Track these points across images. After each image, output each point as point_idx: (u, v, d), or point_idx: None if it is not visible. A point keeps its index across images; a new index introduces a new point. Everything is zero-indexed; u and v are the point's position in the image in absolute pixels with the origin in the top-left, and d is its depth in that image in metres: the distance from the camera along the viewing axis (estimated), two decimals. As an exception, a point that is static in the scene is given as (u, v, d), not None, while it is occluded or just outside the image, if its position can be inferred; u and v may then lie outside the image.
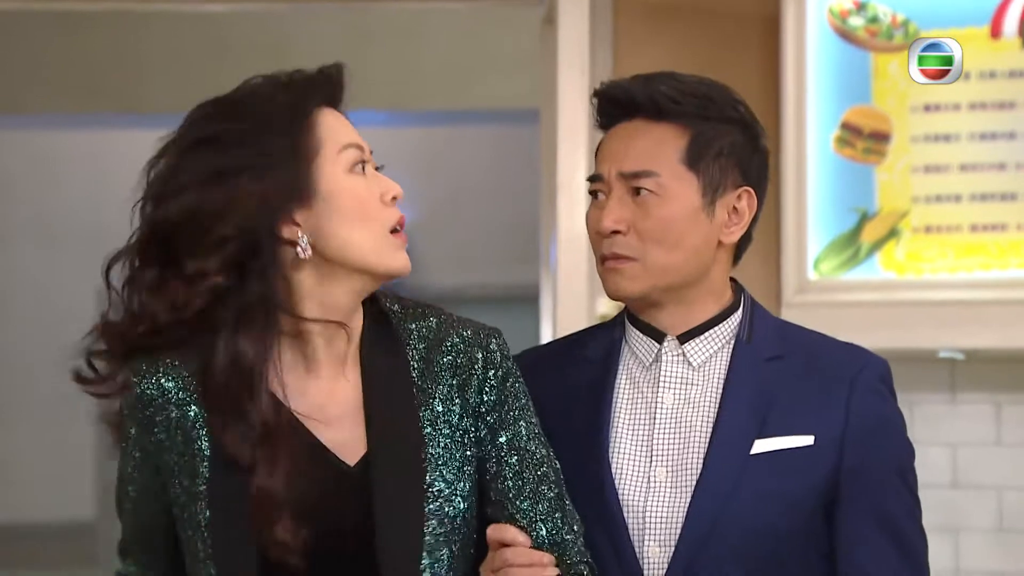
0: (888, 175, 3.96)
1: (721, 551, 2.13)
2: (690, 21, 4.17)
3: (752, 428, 2.16)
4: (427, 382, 2.10)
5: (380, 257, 2.05)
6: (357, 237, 2.04)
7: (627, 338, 2.28)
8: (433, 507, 2.05)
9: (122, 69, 6.73)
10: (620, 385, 2.25)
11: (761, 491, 2.14)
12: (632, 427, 2.21)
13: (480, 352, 2.12)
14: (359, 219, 2.04)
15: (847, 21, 3.97)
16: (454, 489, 2.07)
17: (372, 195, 2.05)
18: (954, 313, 3.90)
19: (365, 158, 2.06)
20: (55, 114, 7.05)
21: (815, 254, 3.96)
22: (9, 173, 9.38)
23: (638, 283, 2.20)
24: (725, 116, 2.22)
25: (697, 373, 2.22)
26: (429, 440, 2.07)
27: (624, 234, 2.20)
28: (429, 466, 2.06)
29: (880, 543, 2.16)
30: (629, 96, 2.23)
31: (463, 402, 2.10)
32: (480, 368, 2.11)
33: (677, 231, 2.19)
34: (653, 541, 2.16)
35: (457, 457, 2.08)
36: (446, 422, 2.09)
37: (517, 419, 2.12)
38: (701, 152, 2.20)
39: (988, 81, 3.92)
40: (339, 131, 2.06)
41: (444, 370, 2.11)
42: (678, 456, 2.18)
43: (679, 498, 2.16)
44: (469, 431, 2.10)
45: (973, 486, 4.11)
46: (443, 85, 6.76)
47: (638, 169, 2.20)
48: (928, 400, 4.12)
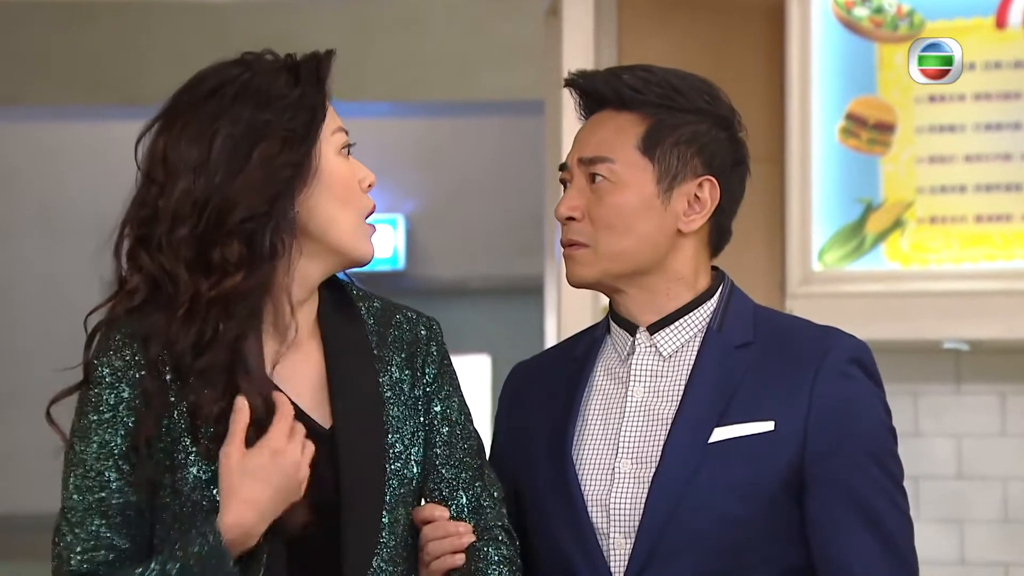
0: (893, 166, 3.95)
1: (680, 540, 2.13)
2: (695, 12, 4.16)
3: (712, 416, 2.16)
4: (383, 351, 2.17)
5: (355, 241, 2.12)
6: (340, 217, 2.10)
7: (609, 332, 2.28)
8: (395, 467, 2.12)
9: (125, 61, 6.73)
10: (596, 379, 2.25)
11: (718, 479, 2.13)
12: (603, 420, 2.22)
13: (423, 330, 2.21)
14: (343, 201, 2.11)
15: (852, 11, 3.96)
16: (410, 453, 2.14)
17: (355, 179, 2.13)
18: (959, 304, 3.90)
19: (350, 142, 2.14)
20: (58, 106, 7.04)
21: (820, 245, 3.95)
22: (12, 165, 9.38)
23: (591, 269, 2.22)
24: (692, 107, 2.22)
25: (667, 364, 2.22)
26: (389, 403, 2.14)
27: (579, 220, 2.21)
28: (389, 427, 2.13)
29: (853, 526, 2.14)
30: (593, 87, 2.26)
31: (411, 372, 2.17)
32: (424, 343, 2.20)
33: (627, 217, 2.19)
34: (618, 533, 2.16)
35: (411, 423, 2.15)
36: (401, 390, 2.16)
37: (451, 395, 2.20)
38: (658, 139, 2.20)
39: (993, 71, 3.91)
40: (331, 113, 2.13)
41: (395, 342, 2.18)
42: (641, 447, 2.18)
43: (640, 488, 2.16)
44: (418, 401, 2.17)
45: (978, 477, 4.11)
46: (447, 76, 6.76)
47: (593, 155, 2.21)
48: (933, 391, 4.12)
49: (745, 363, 2.19)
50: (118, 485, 2.05)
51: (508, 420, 2.33)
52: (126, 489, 2.05)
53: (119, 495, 2.05)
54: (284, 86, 2.09)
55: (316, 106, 2.09)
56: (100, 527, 2.05)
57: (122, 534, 2.05)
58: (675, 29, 4.14)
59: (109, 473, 2.05)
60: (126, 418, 2.06)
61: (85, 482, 2.07)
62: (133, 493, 2.05)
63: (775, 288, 3.94)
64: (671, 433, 2.16)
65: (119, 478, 2.05)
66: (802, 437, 2.14)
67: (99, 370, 2.10)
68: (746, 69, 4.06)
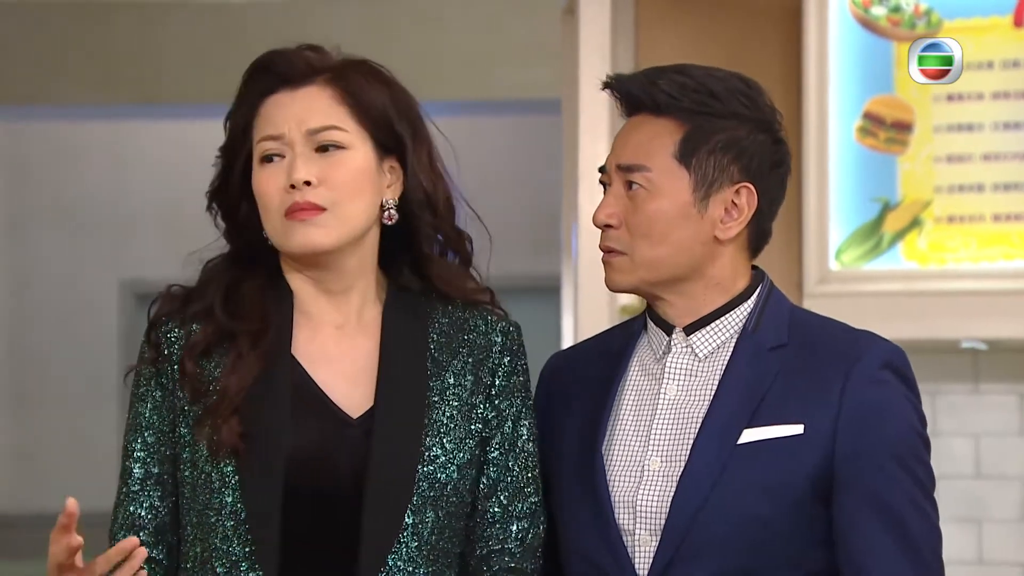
0: (911, 165, 3.95)
1: (705, 539, 2.13)
2: (712, 10, 4.16)
3: (743, 418, 2.15)
4: (443, 354, 2.20)
5: (282, 240, 2.16)
6: (266, 224, 2.18)
7: (646, 330, 2.28)
8: (427, 470, 2.14)
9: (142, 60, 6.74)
10: (631, 376, 2.25)
11: (745, 481, 2.13)
12: (635, 417, 2.22)
13: (500, 337, 2.23)
14: (264, 210, 2.17)
15: (869, 10, 3.96)
16: (451, 458, 2.15)
17: (273, 186, 2.15)
18: (977, 303, 3.89)
19: (274, 150, 2.16)
20: (75, 105, 7.06)
21: (837, 244, 3.95)
22: (31, 162, 9.40)
23: (628, 276, 2.21)
24: (729, 111, 2.20)
25: (703, 364, 2.21)
26: (435, 407, 2.16)
27: (616, 228, 2.21)
28: (430, 431, 2.15)
29: (876, 531, 2.13)
30: (629, 91, 2.24)
31: (475, 379, 2.20)
32: (497, 351, 2.23)
33: (663, 226, 2.18)
34: (644, 530, 2.16)
35: (461, 430, 2.17)
36: (455, 395, 2.18)
37: (519, 416, 2.22)
38: (695, 147, 2.18)
39: (1012, 70, 3.91)
40: (266, 122, 2.17)
41: (462, 346, 2.21)
42: (672, 446, 2.18)
43: (668, 487, 2.16)
44: (477, 408, 2.19)
45: (996, 476, 4.10)
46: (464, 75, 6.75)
47: (631, 163, 2.20)
48: (951, 391, 4.11)
49: (777, 365, 2.18)
50: (139, 455, 2.17)
51: (542, 411, 2.32)
52: (148, 460, 2.17)
53: (140, 465, 2.17)
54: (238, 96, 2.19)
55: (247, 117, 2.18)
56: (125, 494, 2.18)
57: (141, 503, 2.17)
58: (692, 28, 4.14)
59: (135, 443, 2.18)
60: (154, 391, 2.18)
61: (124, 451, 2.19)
62: (155, 465, 2.17)
63: (792, 287, 3.94)
64: (700, 433, 2.16)
65: (143, 448, 2.17)
66: (831, 441, 2.14)
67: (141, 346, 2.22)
68: (763, 68, 4.05)
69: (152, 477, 2.17)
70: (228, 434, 2.10)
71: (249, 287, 2.18)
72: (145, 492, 2.17)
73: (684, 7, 4.17)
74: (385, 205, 2.19)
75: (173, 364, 2.16)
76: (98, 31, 6.71)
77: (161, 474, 2.17)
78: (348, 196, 2.14)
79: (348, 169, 2.15)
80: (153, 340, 2.18)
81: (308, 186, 2.12)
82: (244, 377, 2.12)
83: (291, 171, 2.13)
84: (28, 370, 9.40)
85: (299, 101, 2.16)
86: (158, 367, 2.17)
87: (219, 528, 2.11)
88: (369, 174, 2.17)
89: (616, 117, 2.32)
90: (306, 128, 2.14)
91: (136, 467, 2.17)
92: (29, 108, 7.19)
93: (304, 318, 2.19)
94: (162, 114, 7.82)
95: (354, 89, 2.17)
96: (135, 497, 2.16)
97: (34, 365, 9.37)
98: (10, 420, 9.44)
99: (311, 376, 2.16)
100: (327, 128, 2.15)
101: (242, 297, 2.18)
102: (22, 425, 9.41)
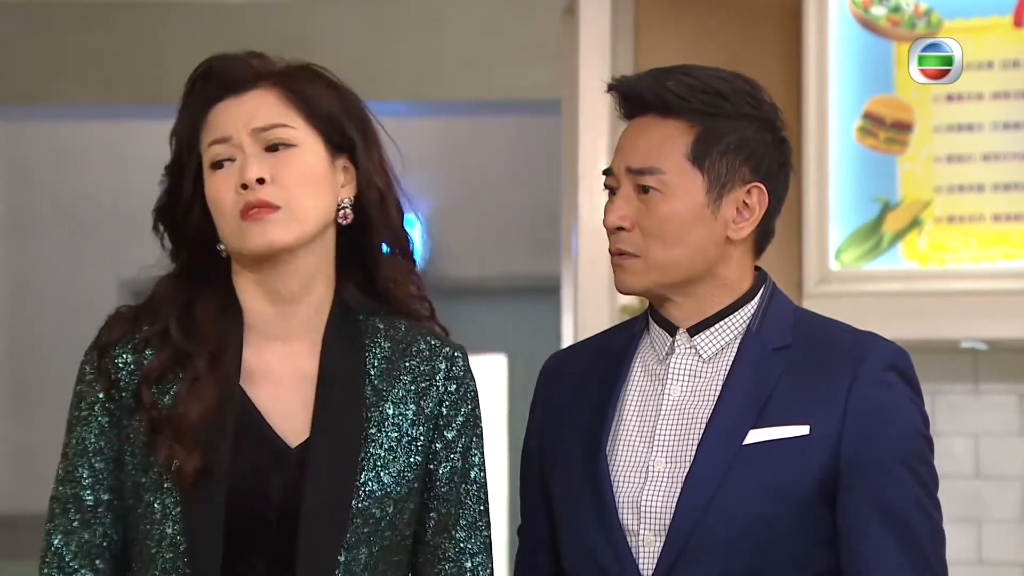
0: (910, 165, 3.95)
1: (710, 540, 2.13)
2: (712, 10, 4.16)
3: (748, 418, 2.16)
4: (383, 382, 2.15)
5: (239, 242, 2.12)
6: (221, 229, 2.13)
7: (648, 330, 2.28)
8: (361, 506, 2.09)
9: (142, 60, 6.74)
10: (634, 376, 2.25)
11: (751, 481, 2.13)
12: (639, 418, 2.22)
13: (444, 363, 2.18)
14: (218, 215, 2.13)
15: (869, 10, 3.96)
16: (388, 492, 2.11)
17: (226, 189, 2.12)
18: (977, 303, 3.89)
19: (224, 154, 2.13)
20: (75, 105, 7.05)
21: (837, 244, 3.95)
22: (31, 163, 9.40)
23: (641, 279, 2.21)
24: (738, 112, 2.20)
25: (707, 365, 2.22)
26: (372, 440, 2.11)
27: (628, 230, 2.20)
28: (366, 465, 2.10)
29: (880, 533, 2.14)
30: (638, 93, 2.22)
31: (417, 408, 2.15)
32: (441, 379, 2.17)
33: (678, 228, 2.18)
34: (648, 531, 2.16)
35: (400, 462, 2.13)
36: (395, 425, 2.14)
37: (469, 446, 2.19)
38: (708, 148, 2.18)
39: (1012, 70, 3.91)
40: (213, 128, 2.14)
41: (404, 373, 2.16)
42: (676, 447, 2.18)
43: (673, 488, 2.16)
44: (418, 439, 2.15)
45: (996, 477, 4.10)
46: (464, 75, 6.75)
47: (643, 166, 2.19)
48: (951, 391, 4.11)
49: (782, 366, 2.19)
50: (88, 482, 2.13)
51: (544, 410, 2.32)
52: (97, 487, 2.13)
53: (90, 491, 2.13)
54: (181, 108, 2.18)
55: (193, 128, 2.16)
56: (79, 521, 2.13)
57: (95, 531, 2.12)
58: (692, 28, 4.14)
59: (82, 469, 2.13)
60: (100, 417, 2.14)
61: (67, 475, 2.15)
62: (106, 492, 2.13)
63: (792, 287, 3.94)
64: (705, 433, 2.16)
65: (91, 475, 2.13)
66: (836, 442, 2.14)
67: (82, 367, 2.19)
68: (763, 68, 4.05)
69: (103, 504, 2.12)
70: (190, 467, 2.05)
71: (202, 307, 2.14)
72: (98, 519, 2.12)
73: (684, 7, 4.17)
74: (340, 204, 2.16)
75: (122, 392, 2.12)
76: (98, 31, 6.71)
77: (111, 500, 2.12)
78: (302, 193, 2.11)
79: (300, 165, 2.11)
80: (103, 368, 2.14)
81: (261, 184, 2.09)
82: (202, 404, 2.08)
83: (243, 171, 2.09)
84: (28, 370, 9.39)
85: (245, 104, 2.13)
86: (108, 393, 2.13)
87: (159, 560, 2.07)
88: (322, 171, 2.14)
89: (616, 118, 2.31)
90: (253, 127, 2.11)
91: (86, 494, 2.12)
92: (29, 108, 7.19)
93: (253, 333, 2.15)
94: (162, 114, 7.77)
95: (300, 89, 2.14)
96: (89, 524, 2.12)
97: (34, 365, 9.37)
98: (10, 420, 9.43)
99: (253, 401, 2.11)
100: (275, 126, 2.12)
101: (196, 318, 2.13)
102: (22, 425, 9.40)
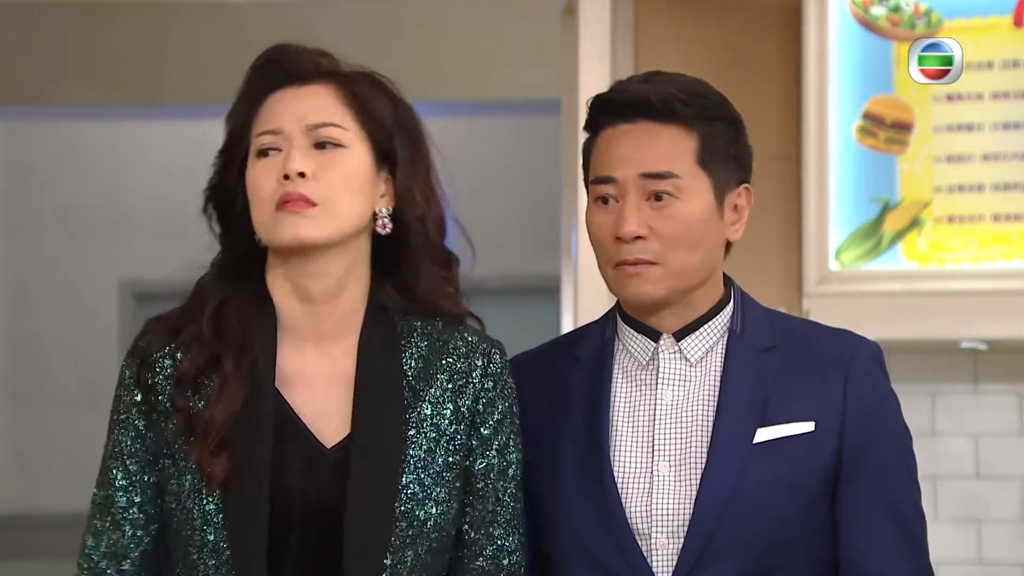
0: (910, 165, 3.95)
1: (730, 539, 2.14)
2: (711, 10, 4.16)
3: (753, 418, 2.17)
4: (420, 382, 2.14)
5: (269, 232, 2.11)
6: (255, 217, 2.13)
7: (620, 337, 2.27)
8: (404, 508, 2.09)
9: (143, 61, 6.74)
10: (617, 384, 2.25)
11: (766, 479, 2.15)
12: (632, 424, 2.22)
13: (481, 359, 2.18)
14: (255, 201, 2.12)
15: (869, 10, 3.96)
16: (429, 494, 2.11)
17: (267, 178, 2.11)
18: (976, 303, 3.90)
19: (271, 144, 2.12)
20: (76, 105, 7.06)
21: (837, 244, 3.95)
22: (31, 163, 9.40)
23: (660, 286, 2.19)
24: (723, 115, 2.22)
25: (695, 368, 2.22)
26: (411, 442, 2.11)
27: (646, 239, 2.18)
28: (407, 468, 2.10)
29: (881, 523, 2.18)
30: (644, 97, 2.20)
31: (455, 407, 2.15)
32: (478, 377, 2.17)
33: (698, 232, 2.18)
34: (661, 534, 2.16)
35: (439, 462, 2.13)
36: (433, 426, 2.13)
37: (507, 444, 2.18)
38: (712, 152, 2.19)
39: (1011, 70, 3.91)
40: (267, 116, 2.14)
41: (441, 372, 2.16)
42: (681, 450, 2.19)
43: (685, 490, 2.17)
44: (456, 438, 2.15)
45: (996, 477, 4.10)
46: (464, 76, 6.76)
47: (659, 171, 2.18)
48: (951, 390, 4.11)
49: (773, 366, 2.21)
50: (122, 484, 2.13)
51: None
52: (131, 489, 2.13)
53: (123, 493, 2.13)
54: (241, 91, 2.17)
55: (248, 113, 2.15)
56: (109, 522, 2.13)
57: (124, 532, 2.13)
58: (692, 28, 4.14)
59: (116, 472, 2.14)
60: (136, 420, 2.14)
61: (102, 477, 2.15)
62: (138, 494, 2.13)
63: (792, 288, 3.94)
64: (715, 435, 2.17)
65: (124, 477, 2.13)
66: (839, 436, 2.18)
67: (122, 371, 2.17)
68: (763, 68, 4.06)
69: (135, 506, 2.12)
70: (219, 470, 2.06)
71: (234, 307, 2.14)
72: (128, 521, 2.13)
73: (684, 7, 4.17)
74: (379, 214, 2.15)
75: (159, 396, 2.12)
76: (98, 31, 6.71)
77: (143, 503, 2.12)
78: (341, 193, 2.10)
79: (344, 167, 2.11)
80: (142, 373, 2.13)
81: (302, 178, 2.09)
82: (229, 406, 2.07)
83: (287, 162, 2.09)
84: (28, 370, 9.40)
85: (303, 97, 2.13)
86: (146, 397, 2.12)
87: (200, 566, 2.07)
88: (365, 176, 2.13)
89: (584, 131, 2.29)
90: (306, 123, 2.11)
91: (119, 495, 2.12)
92: (29, 108, 7.19)
93: (287, 333, 2.14)
94: (162, 114, 7.81)
95: (359, 92, 2.14)
96: (119, 525, 2.12)
97: (34, 365, 9.37)
98: (10, 420, 9.44)
99: (288, 402, 2.11)
100: (327, 124, 2.11)
101: (227, 318, 2.13)
102: (22, 425, 9.41)
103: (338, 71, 2.16)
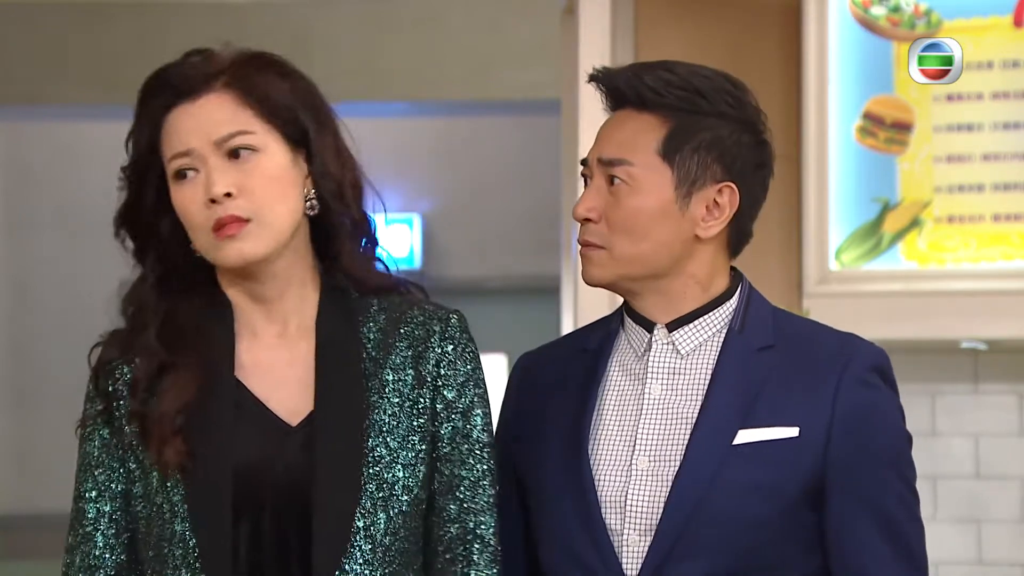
0: (910, 165, 3.95)
1: (700, 540, 2.12)
2: (711, 10, 4.16)
3: (737, 418, 2.15)
4: (380, 352, 2.16)
5: (214, 256, 2.13)
6: (196, 243, 2.14)
7: (623, 327, 2.27)
8: (372, 471, 2.11)
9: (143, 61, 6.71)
10: (611, 374, 2.24)
11: (742, 481, 2.13)
12: (619, 416, 2.21)
13: (439, 325, 2.19)
14: (190, 228, 2.13)
15: (869, 10, 3.96)
16: (396, 457, 2.13)
17: (193, 201, 2.11)
18: (977, 303, 3.89)
19: (186, 165, 2.12)
20: (76, 105, 7.06)
21: (837, 244, 3.95)
22: (31, 164, 9.40)
23: (606, 271, 2.20)
24: (714, 110, 2.19)
25: (686, 362, 2.21)
26: (374, 407, 2.13)
27: (595, 222, 2.20)
28: (372, 431, 2.12)
29: (871, 534, 2.14)
30: (614, 85, 2.23)
31: (416, 372, 2.17)
32: (437, 340, 2.18)
33: (644, 222, 2.18)
34: (633, 530, 2.15)
35: (404, 426, 2.14)
36: (395, 391, 2.15)
37: (471, 406, 2.19)
38: (679, 144, 2.18)
39: (1011, 70, 3.91)
40: (173, 138, 2.13)
41: (401, 340, 2.17)
42: (661, 445, 2.18)
43: (660, 487, 2.15)
44: (419, 401, 2.16)
45: (996, 477, 4.10)
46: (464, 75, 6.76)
47: (613, 157, 2.19)
48: (951, 391, 4.11)
49: (767, 366, 2.18)
50: (91, 495, 2.16)
51: (516, 411, 2.31)
52: (99, 499, 2.16)
53: (91, 504, 2.16)
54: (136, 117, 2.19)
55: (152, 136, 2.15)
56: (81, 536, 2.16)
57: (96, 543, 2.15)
58: (692, 27, 4.14)
59: (86, 484, 2.17)
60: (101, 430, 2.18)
61: (75, 492, 2.18)
62: (107, 503, 2.15)
63: (792, 288, 3.94)
64: (695, 433, 2.15)
65: (94, 487, 2.16)
66: (824, 444, 2.14)
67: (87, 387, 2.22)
68: (763, 67, 4.06)
69: (105, 515, 2.15)
70: (173, 454, 2.07)
71: (186, 312, 2.16)
72: (99, 531, 2.15)
73: (684, 7, 4.17)
74: (307, 196, 2.15)
75: (120, 400, 2.15)
76: (98, 31, 6.71)
77: (113, 512, 2.15)
78: (270, 202, 2.10)
79: (263, 172, 2.11)
80: (101, 388, 2.16)
81: (228, 198, 2.08)
82: (181, 395, 2.09)
83: (209, 186, 2.09)
84: (28, 370, 9.39)
85: (202, 111, 2.12)
86: (107, 406, 2.16)
87: (169, 559, 2.09)
88: (285, 172, 2.13)
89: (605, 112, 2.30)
90: (213, 139, 2.10)
91: (89, 507, 2.15)
92: (29, 108, 7.19)
93: (244, 328, 2.17)
94: (162, 114, 7.80)
95: (254, 88, 2.12)
96: (90, 537, 2.15)
97: (34, 365, 9.37)
98: (10, 420, 9.43)
99: (248, 388, 2.13)
100: (235, 134, 2.10)
101: (181, 326, 2.15)
102: (22, 425, 9.41)
103: (224, 67, 2.14)
